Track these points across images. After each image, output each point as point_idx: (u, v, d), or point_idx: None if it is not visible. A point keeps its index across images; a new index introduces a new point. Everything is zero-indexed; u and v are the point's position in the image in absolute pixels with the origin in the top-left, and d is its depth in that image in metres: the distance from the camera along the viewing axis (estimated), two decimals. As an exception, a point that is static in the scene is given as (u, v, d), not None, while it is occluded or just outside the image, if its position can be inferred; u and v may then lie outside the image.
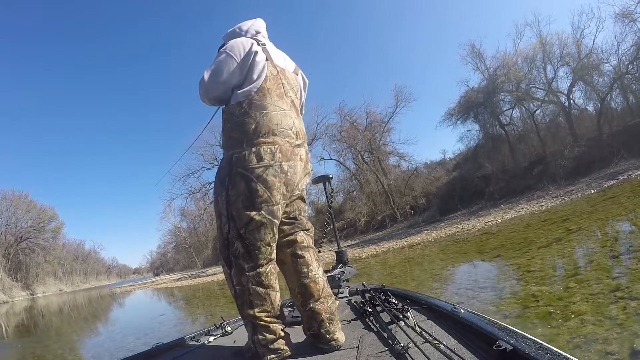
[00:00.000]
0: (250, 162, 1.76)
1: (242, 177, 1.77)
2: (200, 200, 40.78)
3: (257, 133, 1.79)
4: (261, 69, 1.87)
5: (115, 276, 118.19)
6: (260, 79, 1.86)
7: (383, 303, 2.24)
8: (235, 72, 1.86)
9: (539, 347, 1.17)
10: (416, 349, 1.46)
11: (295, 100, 2.03)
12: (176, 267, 72.39)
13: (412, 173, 30.69)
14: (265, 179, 1.76)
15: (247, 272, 1.78)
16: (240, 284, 1.80)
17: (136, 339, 8.22)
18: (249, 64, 1.86)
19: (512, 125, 26.60)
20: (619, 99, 23.38)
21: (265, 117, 1.82)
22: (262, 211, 1.77)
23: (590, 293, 4.02)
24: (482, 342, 1.41)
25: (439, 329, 1.73)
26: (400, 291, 2.66)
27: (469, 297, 5.32)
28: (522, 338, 1.28)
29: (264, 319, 1.78)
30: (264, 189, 1.76)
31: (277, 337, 1.79)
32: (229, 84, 1.89)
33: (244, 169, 1.77)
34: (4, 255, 51.88)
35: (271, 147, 1.79)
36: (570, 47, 23.59)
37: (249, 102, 1.83)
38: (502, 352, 1.18)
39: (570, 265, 5.70)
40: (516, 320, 3.84)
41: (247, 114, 1.82)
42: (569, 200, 14.53)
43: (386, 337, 1.77)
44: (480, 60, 26.85)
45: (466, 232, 14.90)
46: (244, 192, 1.77)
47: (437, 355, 1.38)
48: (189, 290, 21.92)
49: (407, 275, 9.26)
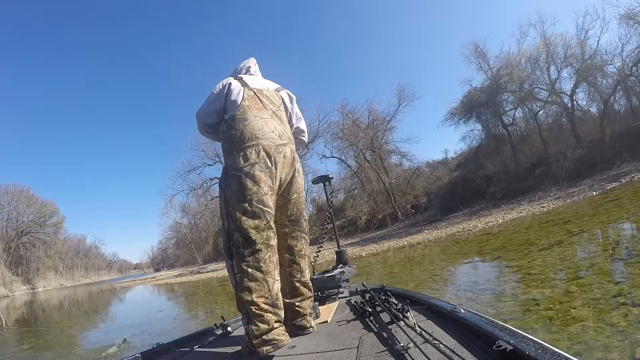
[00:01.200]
0: (239, 163, 2.10)
1: (234, 178, 2.09)
2: (202, 197, 40.95)
3: (243, 139, 2.16)
4: (237, 93, 2.27)
5: (116, 271, 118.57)
6: (238, 101, 2.25)
7: (383, 303, 2.25)
8: (214, 101, 2.31)
9: (539, 347, 1.16)
10: (416, 349, 1.47)
11: (277, 112, 2.39)
12: (177, 263, 72.51)
13: (413, 172, 30.68)
14: (253, 174, 2.07)
15: (247, 257, 2.01)
16: (241, 271, 2.00)
17: (133, 335, 8.19)
18: (224, 93, 2.29)
19: (515, 125, 26.59)
20: (622, 101, 23.37)
21: (248, 126, 2.19)
22: (253, 202, 2.05)
23: (592, 298, 3.97)
24: (482, 342, 1.42)
25: (439, 329, 1.74)
26: (400, 291, 2.67)
27: (469, 299, 5.27)
28: (522, 338, 1.27)
29: (261, 306, 1.95)
30: (252, 183, 2.06)
31: (271, 327, 1.93)
32: (212, 110, 2.34)
33: (235, 170, 2.10)
34: (4, 249, 52.05)
35: (255, 148, 2.13)
36: (574, 48, 23.62)
37: (232, 118, 2.22)
38: (502, 352, 1.18)
39: (572, 269, 5.64)
40: (516, 324, 3.79)
41: (232, 127, 2.21)
42: (571, 202, 14.46)
43: (386, 337, 1.78)
44: (483, 60, 26.87)
45: (467, 233, 14.85)
46: (237, 189, 2.07)
47: (437, 355, 1.38)
48: (189, 286, 21.90)
49: (406, 275, 9.21)
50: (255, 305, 1.93)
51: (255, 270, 1.99)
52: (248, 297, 1.95)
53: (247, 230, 2.02)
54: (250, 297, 1.94)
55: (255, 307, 1.93)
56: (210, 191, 40.09)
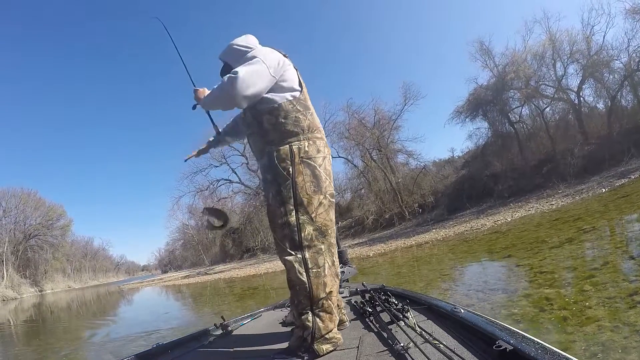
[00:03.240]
0: (312, 152, 2.00)
1: (307, 165, 1.97)
2: (208, 198, 40.98)
3: (311, 129, 2.05)
4: (296, 75, 2.11)
5: (123, 273, 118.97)
6: (298, 84, 2.09)
7: (383, 303, 2.28)
8: (276, 73, 2.00)
9: (539, 347, 1.17)
10: (416, 349, 1.48)
11: None
12: (184, 265, 72.65)
13: (420, 171, 30.52)
14: (326, 167, 2.03)
15: (325, 251, 1.95)
16: (317, 265, 1.92)
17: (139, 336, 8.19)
18: (286, 68, 2.06)
19: (522, 123, 26.39)
20: (629, 97, 23.08)
21: (312, 116, 2.10)
22: (327, 194, 2.00)
23: (607, 297, 3.89)
24: (482, 342, 1.43)
25: (439, 329, 1.75)
26: (400, 291, 2.70)
27: (480, 300, 5.21)
28: (522, 338, 1.29)
29: (333, 301, 1.94)
30: (325, 176, 2.01)
31: (335, 325, 1.91)
32: (268, 83, 1.99)
33: (308, 158, 1.98)
34: (12, 252, 52.30)
35: (322, 142, 2.09)
36: (580, 43, 23.36)
37: (298, 102, 2.05)
38: (502, 352, 1.19)
39: (584, 267, 5.56)
40: (529, 325, 3.72)
41: (300, 111, 2.04)
42: (580, 199, 14.34)
43: (386, 337, 1.79)
44: (489, 57, 26.62)
45: (475, 231, 14.76)
46: (311, 178, 1.96)
47: (437, 355, 1.39)
48: (196, 288, 21.95)
49: (415, 275, 9.15)
50: (329, 301, 1.91)
51: (331, 265, 1.97)
52: (322, 292, 1.89)
53: (323, 224, 1.97)
54: (324, 292, 1.90)
55: (328, 303, 1.90)
56: (216, 192, 40.22)
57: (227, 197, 41.51)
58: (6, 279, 48.83)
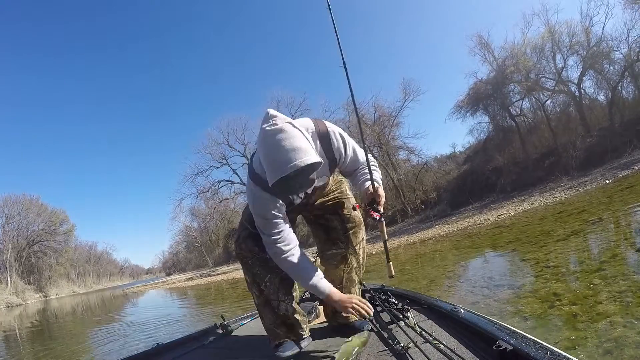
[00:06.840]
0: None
1: None
2: (210, 200, 40.97)
3: None
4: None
5: (128, 277, 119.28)
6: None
7: (383, 303, 2.31)
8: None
9: (539, 347, 1.17)
10: (416, 349, 1.49)
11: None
12: (188, 267, 72.67)
13: (422, 167, 30.42)
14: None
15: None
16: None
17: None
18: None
19: (523, 116, 26.34)
20: (630, 88, 23.01)
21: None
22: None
23: (617, 291, 3.77)
24: (482, 342, 1.43)
25: (439, 329, 1.76)
26: (400, 291, 2.71)
27: (485, 296, 5.09)
28: (522, 338, 1.29)
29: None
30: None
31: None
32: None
33: None
34: (16, 258, 52.50)
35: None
36: (579, 35, 23.29)
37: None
38: (502, 352, 1.20)
39: (593, 260, 5.44)
40: (538, 322, 3.61)
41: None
42: (583, 191, 14.24)
43: (386, 337, 1.80)
44: (488, 51, 26.52)
45: (478, 226, 14.68)
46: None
47: (437, 355, 1.40)
48: (200, 290, 21.94)
49: (418, 272, 9.03)
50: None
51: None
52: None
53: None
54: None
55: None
56: (218, 194, 40.16)
57: (228, 199, 41.49)
58: (10, 285, 49.01)
